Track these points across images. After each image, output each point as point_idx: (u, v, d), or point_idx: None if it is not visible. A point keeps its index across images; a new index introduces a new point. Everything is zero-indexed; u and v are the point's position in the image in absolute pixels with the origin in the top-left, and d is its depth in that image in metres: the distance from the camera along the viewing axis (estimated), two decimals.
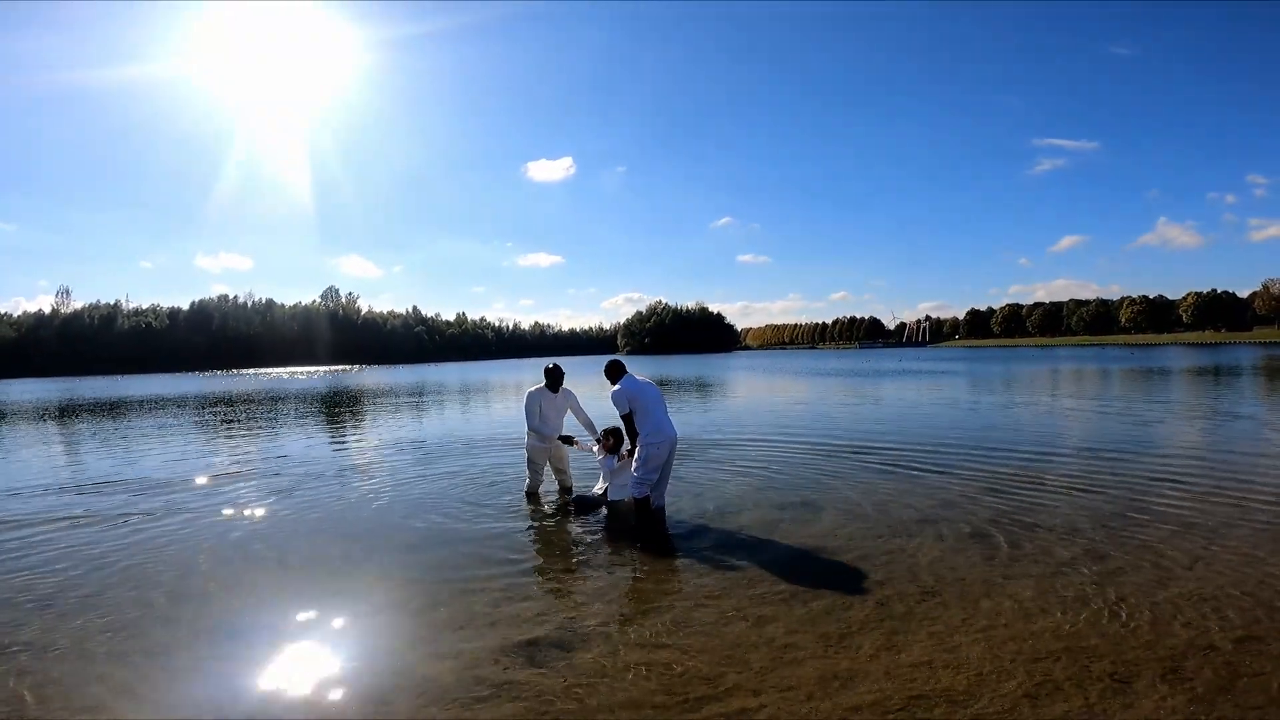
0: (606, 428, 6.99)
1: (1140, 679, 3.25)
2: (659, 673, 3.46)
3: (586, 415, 7.43)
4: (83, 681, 3.53)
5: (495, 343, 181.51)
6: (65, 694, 3.40)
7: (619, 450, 6.79)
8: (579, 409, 7.45)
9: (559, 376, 7.30)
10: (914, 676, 3.34)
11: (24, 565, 5.57)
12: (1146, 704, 3.03)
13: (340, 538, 6.24)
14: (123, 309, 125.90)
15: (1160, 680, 3.23)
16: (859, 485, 7.78)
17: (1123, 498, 6.82)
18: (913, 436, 11.61)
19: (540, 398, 7.25)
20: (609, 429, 6.95)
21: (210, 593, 4.85)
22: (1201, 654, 3.48)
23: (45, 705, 3.30)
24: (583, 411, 7.45)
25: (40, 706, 3.29)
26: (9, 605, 4.66)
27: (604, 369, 6.79)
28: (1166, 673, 3.30)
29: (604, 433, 6.96)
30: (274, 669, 3.63)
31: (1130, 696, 3.10)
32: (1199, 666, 3.35)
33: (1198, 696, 3.09)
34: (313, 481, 8.92)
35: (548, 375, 7.26)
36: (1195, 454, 9.29)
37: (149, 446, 13.46)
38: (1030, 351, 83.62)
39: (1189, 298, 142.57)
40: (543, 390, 7.26)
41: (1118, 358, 51.22)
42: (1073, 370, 34.70)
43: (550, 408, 7.30)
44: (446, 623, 4.17)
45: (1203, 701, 3.04)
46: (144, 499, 8.03)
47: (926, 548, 5.36)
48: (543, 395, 7.26)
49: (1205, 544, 5.24)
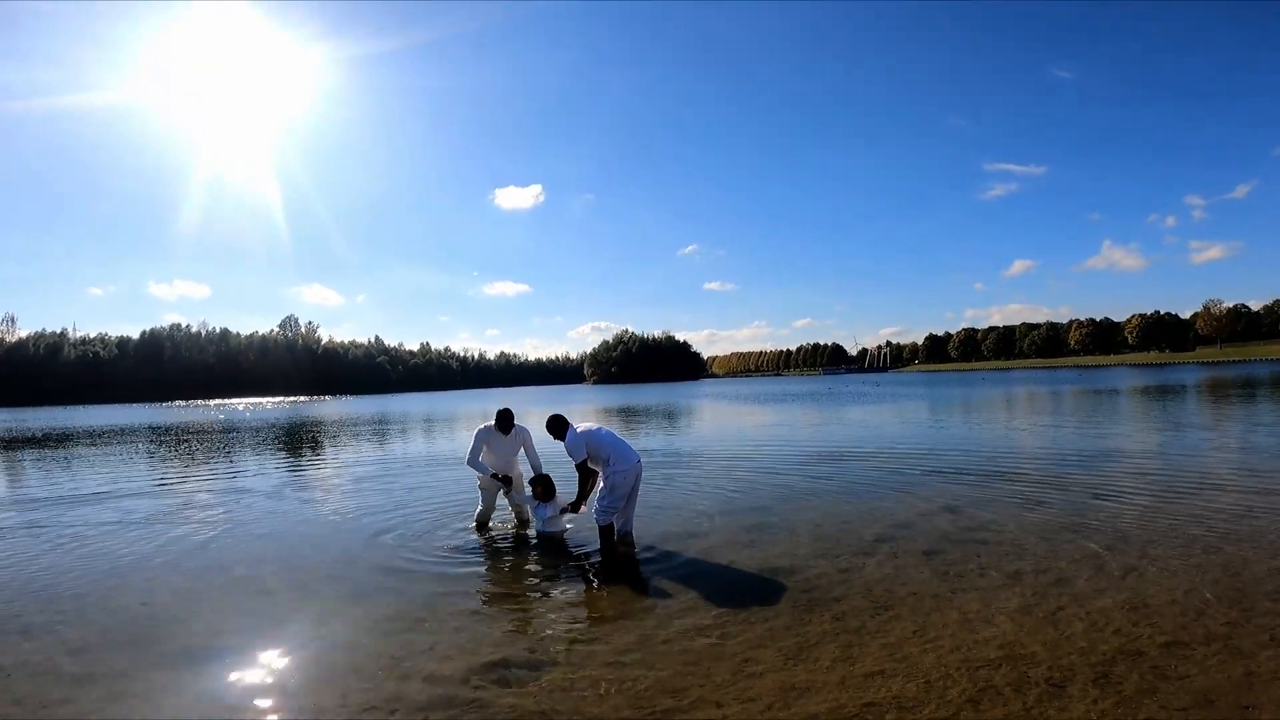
0: (533, 476, 7.03)
1: (1074, 683, 3.48)
2: (626, 687, 3.59)
3: (536, 457, 7.28)
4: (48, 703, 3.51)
5: (460, 373, 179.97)
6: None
7: (550, 499, 6.85)
8: (531, 450, 7.32)
9: (508, 419, 7.18)
10: (867, 685, 3.53)
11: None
12: (1079, 707, 3.25)
13: (298, 564, 6.23)
14: (70, 338, 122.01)
15: (1092, 684, 3.46)
16: (819, 506, 8.03)
17: (1066, 512, 7.18)
18: (872, 459, 11.95)
19: (488, 436, 7.18)
20: (535, 477, 6.99)
21: (170, 617, 4.81)
22: (1131, 659, 3.73)
23: None
24: (534, 452, 7.31)
25: None
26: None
27: (546, 425, 6.74)
28: (1098, 677, 3.53)
29: (530, 481, 7.00)
30: (238, 694, 3.65)
31: (1064, 700, 3.32)
32: (1128, 670, 3.59)
33: (1126, 699, 3.32)
34: (268, 509, 8.83)
35: (498, 418, 7.15)
36: (1137, 470, 9.77)
37: (91, 474, 13.07)
38: (986, 375, 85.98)
39: (1134, 320, 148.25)
40: (491, 430, 7.17)
41: (1067, 380, 53.07)
42: (1026, 392, 35.88)
43: (500, 446, 7.22)
44: (413, 645, 4.23)
45: (1131, 703, 3.27)
46: (93, 519, 7.84)
47: (882, 565, 5.59)
48: (490, 434, 7.18)
49: (1139, 556, 5.56)
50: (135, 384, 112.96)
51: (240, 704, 3.55)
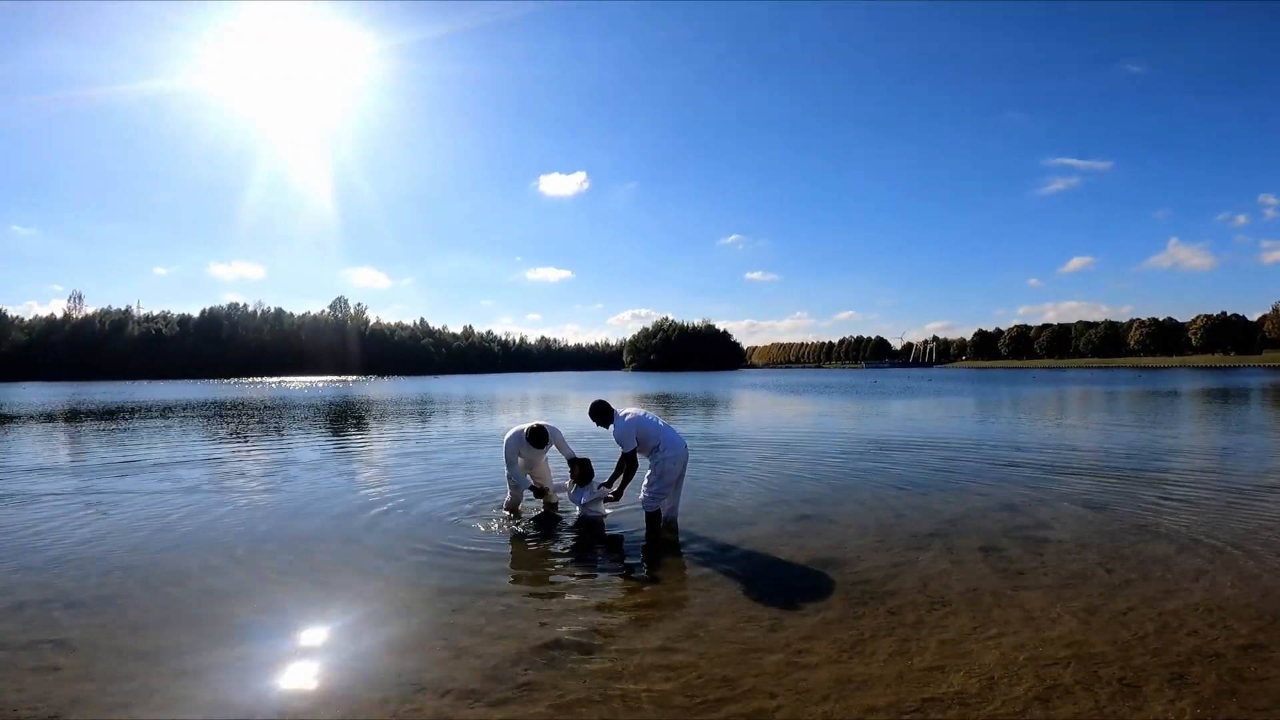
0: (570, 458, 6.92)
1: (1148, 684, 3.32)
2: (676, 675, 3.55)
3: (570, 450, 7.09)
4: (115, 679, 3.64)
5: (501, 356, 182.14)
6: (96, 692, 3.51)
7: (588, 482, 6.79)
8: (564, 446, 7.08)
9: (542, 437, 6.92)
10: (927, 680, 3.42)
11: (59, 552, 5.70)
12: (1155, 707, 3.11)
13: (345, 540, 6.32)
14: (134, 315, 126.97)
15: (1168, 685, 3.31)
16: (869, 498, 7.87)
17: (1132, 512, 6.89)
18: (922, 452, 11.69)
19: (519, 446, 6.97)
20: (573, 459, 6.89)
21: (221, 592, 4.93)
22: (1207, 660, 3.56)
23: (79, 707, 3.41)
24: (567, 447, 7.08)
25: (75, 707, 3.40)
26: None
27: (589, 412, 6.64)
28: (1173, 678, 3.38)
29: (569, 462, 6.90)
30: (289, 672, 3.69)
31: (1139, 700, 3.18)
32: (1205, 672, 3.43)
33: (1204, 700, 3.17)
34: (316, 482, 9.06)
35: (531, 434, 6.90)
36: (1203, 474, 9.34)
37: (153, 446, 13.60)
38: (1039, 373, 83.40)
39: (1198, 320, 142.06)
40: (522, 441, 6.93)
41: (1125, 380, 51.08)
42: (1082, 391, 34.69)
43: (531, 453, 7.06)
44: (461, 627, 4.23)
45: (1209, 705, 3.13)
46: (155, 490, 8.15)
47: (937, 560, 5.44)
48: (521, 445, 6.96)
49: (1210, 560, 5.30)
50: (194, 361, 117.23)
51: (291, 683, 3.59)
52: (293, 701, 3.35)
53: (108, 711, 3.21)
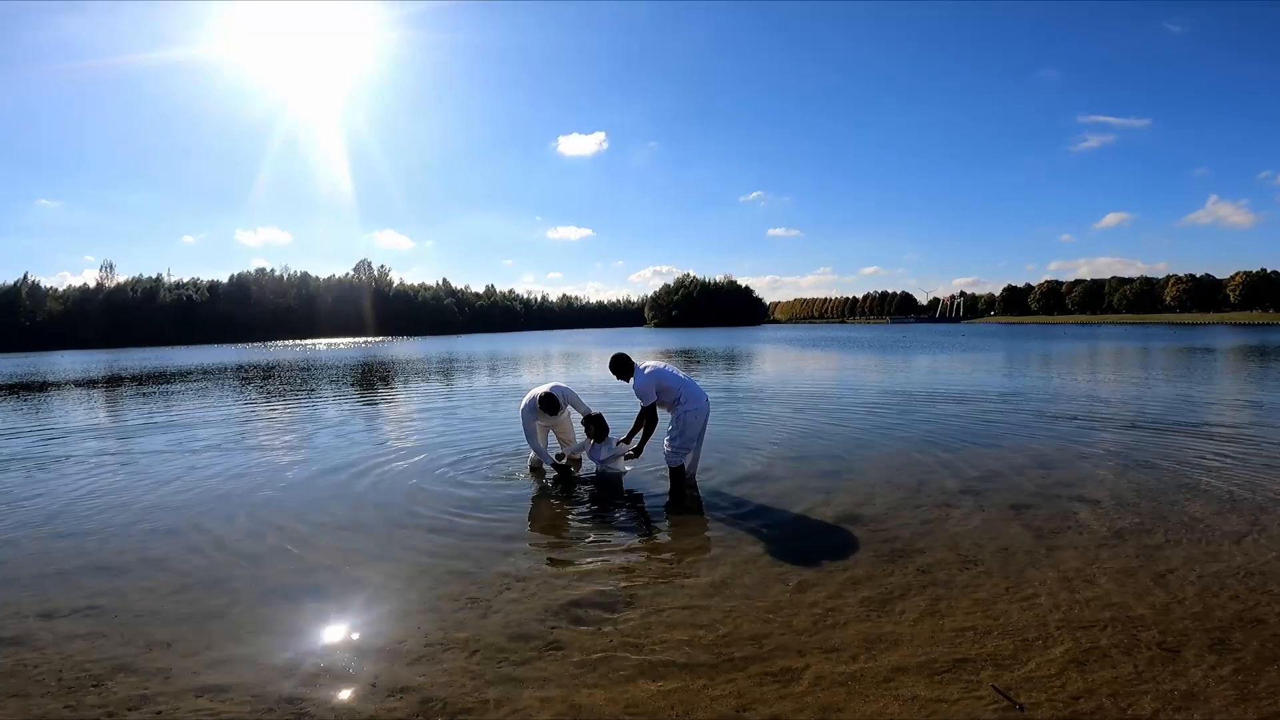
0: (585, 416, 6.91)
1: (1188, 648, 3.23)
2: (703, 632, 3.53)
3: (585, 406, 7.09)
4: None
5: (524, 315, 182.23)
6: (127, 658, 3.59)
7: (604, 439, 6.77)
8: (579, 404, 7.11)
9: (554, 404, 6.86)
10: (959, 640, 3.37)
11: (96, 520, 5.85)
12: (1195, 673, 3.02)
13: (369, 500, 6.39)
14: (165, 283, 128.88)
15: (1209, 650, 3.21)
16: (897, 454, 7.75)
17: (1170, 472, 6.70)
18: (953, 407, 11.48)
19: (534, 415, 6.93)
20: (588, 416, 6.89)
21: (250, 555, 5.02)
22: (1249, 627, 3.45)
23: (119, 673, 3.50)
24: (582, 404, 7.11)
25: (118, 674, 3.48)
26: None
27: (610, 365, 6.60)
28: (1214, 643, 3.28)
29: (583, 420, 6.91)
30: (317, 633, 3.73)
31: (1179, 665, 3.09)
32: (1247, 638, 3.32)
33: (1245, 666, 3.07)
34: (343, 443, 9.17)
35: (544, 402, 6.84)
36: (1243, 432, 9.06)
37: (188, 408, 13.88)
38: (1070, 329, 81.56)
39: (1237, 277, 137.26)
40: (536, 409, 6.89)
41: (1161, 336, 49.80)
42: (1116, 347, 33.87)
43: (547, 421, 7.05)
44: (488, 583, 4.26)
45: (1250, 671, 3.03)
46: (187, 450, 8.32)
47: (968, 518, 5.35)
48: (537, 414, 6.92)
49: (1251, 522, 5.13)
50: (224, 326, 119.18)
51: (325, 640, 3.65)
52: (327, 657, 3.40)
53: (148, 679, 3.26)
